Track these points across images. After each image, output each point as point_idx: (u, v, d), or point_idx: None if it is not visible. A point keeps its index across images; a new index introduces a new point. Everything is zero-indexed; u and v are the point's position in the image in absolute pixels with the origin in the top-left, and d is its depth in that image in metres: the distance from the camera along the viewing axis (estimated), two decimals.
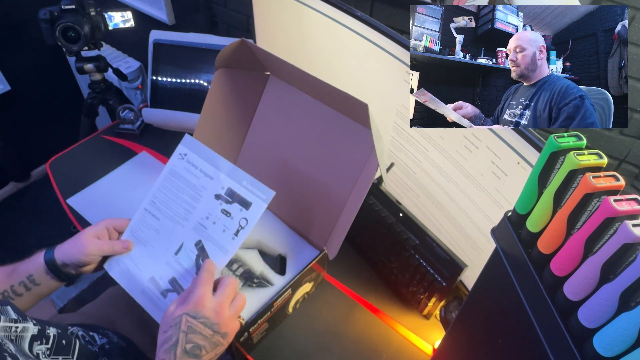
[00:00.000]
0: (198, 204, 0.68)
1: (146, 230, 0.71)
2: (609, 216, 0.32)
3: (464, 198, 0.74)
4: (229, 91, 0.83)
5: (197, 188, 0.69)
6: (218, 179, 0.68)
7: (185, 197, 0.70)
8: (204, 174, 0.69)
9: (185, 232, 0.68)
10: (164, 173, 0.73)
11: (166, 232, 0.70)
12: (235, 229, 0.65)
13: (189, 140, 0.72)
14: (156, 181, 0.73)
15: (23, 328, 0.56)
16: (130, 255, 0.70)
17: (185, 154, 0.71)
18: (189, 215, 0.69)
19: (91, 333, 0.70)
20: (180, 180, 0.71)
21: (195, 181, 0.69)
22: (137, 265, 0.70)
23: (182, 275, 0.67)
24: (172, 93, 1.15)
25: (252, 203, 0.65)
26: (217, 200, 0.67)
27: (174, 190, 0.71)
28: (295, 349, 0.78)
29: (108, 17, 1.19)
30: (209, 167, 0.69)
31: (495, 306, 0.50)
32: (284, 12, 0.96)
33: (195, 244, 0.67)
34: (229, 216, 0.66)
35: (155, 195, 0.72)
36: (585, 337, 0.34)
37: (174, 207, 0.70)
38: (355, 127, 0.74)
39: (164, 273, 0.68)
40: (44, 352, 0.58)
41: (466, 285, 0.84)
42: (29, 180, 2.13)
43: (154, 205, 0.72)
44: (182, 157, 0.72)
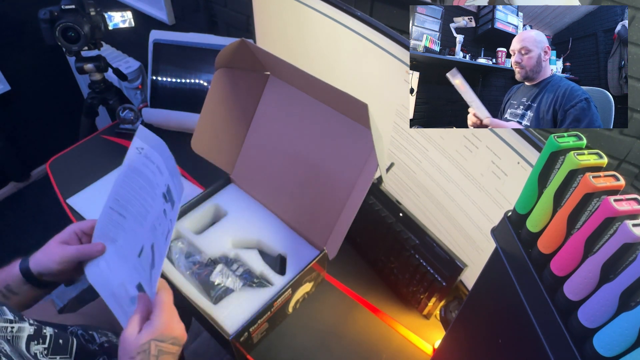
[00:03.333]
0: (154, 202, 0.62)
1: (114, 229, 0.68)
2: (609, 216, 0.32)
3: (464, 198, 0.74)
4: (229, 91, 0.83)
5: (153, 185, 0.63)
6: (165, 174, 0.60)
7: (144, 195, 0.64)
8: (158, 169, 0.62)
9: (144, 232, 0.63)
10: (123, 169, 0.67)
11: (131, 232, 0.66)
12: (167, 230, 0.58)
13: (143, 131, 0.65)
14: (117, 177, 0.68)
15: (19, 328, 0.56)
16: (104, 256, 0.67)
17: (142, 148, 0.65)
18: (147, 215, 0.63)
19: (90, 332, 0.70)
20: (140, 177, 0.65)
21: (152, 177, 0.63)
22: (109, 267, 0.66)
23: (145, 280, 0.62)
24: (172, 93, 1.15)
25: (175, 202, 0.58)
26: (162, 198, 0.61)
27: (135, 187, 0.66)
28: (295, 349, 0.78)
29: (108, 17, 1.19)
30: (161, 161, 0.62)
31: (495, 306, 0.50)
32: (284, 12, 0.96)
33: (150, 247, 0.61)
34: (165, 217, 0.59)
35: (118, 193, 0.68)
36: (585, 337, 0.34)
37: (136, 205, 0.65)
38: (355, 127, 0.74)
39: (132, 278, 0.63)
40: (41, 352, 0.58)
41: (466, 285, 0.84)
42: (29, 180, 2.13)
43: (118, 203, 0.68)
44: (139, 152, 0.65)
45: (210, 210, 0.89)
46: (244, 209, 0.88)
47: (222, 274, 0.76)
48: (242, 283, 0.75)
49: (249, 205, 0.89)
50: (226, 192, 0.92)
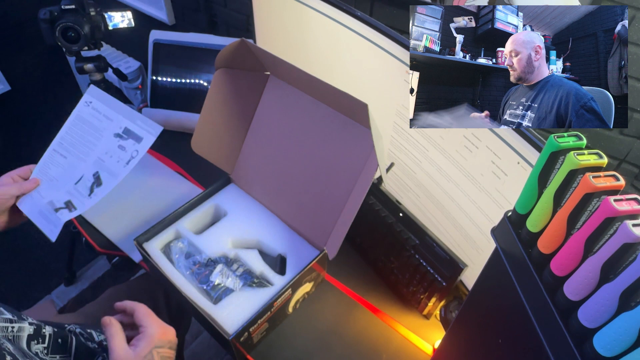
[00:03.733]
0: (99, 142, 0.83)
1: (54, 168, 0.84)
2: (609, 216, 0.32)
3: (464, 198, 0.74)
4: (229, 91, 0.83)
5: (99, 129, 0.84)
6: (117, 120, 0.83)
7: (88, 138, 0.84)
8: (105, 117, 0.84)
9: (86, 166, 0.83)
10: (71, 118, 0.87)
11: (70, 167, 0.83)
12: (128, 159, 0.80)
13: (94, 89, 0.87)
14: (64, 125, 0.87)
15: (19, 328, 0.57)
16: (38, 189, 0.82)
17: (90, 101, 0.86)
18: (90, 152, 0.83)
19: (89, 330, 0.71)
20: (85, 124, 0.85)
21: (97, 124, 0.84)
22: (40, 195, 0.82)
23: (77, 199, 0.80)
24: (172, 93, 1.15)
25: (143, 137, 0.81)
26: (116, 138, 0.82)
27: (79, 132, 0.85)
28: (295, 348, 0.78)
29: (108, 17, 1.19)
30: (109, 112, 0.84)
31: (495, 306, 0.50)
32: (284, 12, 0.96)
33: (92, 175, 0.82)
34: (123, 150, 0.81)
35: (62, 137, 0.86)
36: (585, 337, 0.34)
37: (79, 147, 0.84)
38: (355, 127, 0.74)
39: (61, 197, 0.81)
40: (41, 351, 0.58)
41: (466, 285, 0.84)
42: None
43: (61, 146, 0.86)
44: (87, 105, 0.86)
45: (210, 210, 0.89)
46: (244, 209, 0.88)
47: (222, 274, 0.76)
48: (242, 283, 0.75)
49: (249, 205, 0.89)
50: (226, 192, 0.92)
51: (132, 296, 0.89)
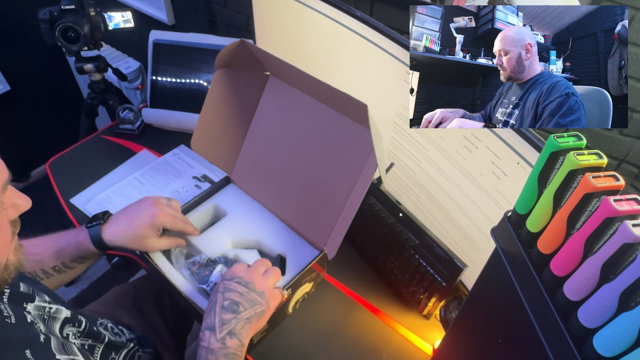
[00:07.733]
0: (177, 180, 0.96)
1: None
2: (608, 216, 0.32)
3: (464, 198, 0.74)
4: (229, 91, 0.83)
5: (179, 171, 1.00)
6: (196, 167, 1.00)
7: (167, 174, 0.99)
8: (187, 165, 1.00)
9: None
10: (157, 161, 1.02)
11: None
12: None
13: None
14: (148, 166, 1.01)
15: (57, 310, 0.59)
16: None
17: (178, 153, 0.98)
18: (167, 185, 0.96)
19: (120, 327, 0.75)
20: (167, 165, 1.01)
21: (178, 167, 0.99)
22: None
23: None
24: (171, 93, 1.15)
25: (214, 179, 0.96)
26: (193, 179, 0.98)
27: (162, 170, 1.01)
28: (295, 349, 0.78)
29: (108, 17, 1.19)
30: (192, 161, 1.02)
31: (495, 306, 0.50)
32: (284, 12, 0.95)
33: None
34: (200, 189, 0.94)
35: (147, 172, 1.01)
36: (585, 337, 0.34)
37: (158, 179, 0.97)
38: (354, 128, 0.74)
39: None
40: (74, 334, 0.60)
41: (466, 285, 0.84)
42: (29, 180, 2.13)
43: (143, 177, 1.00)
44: (174, 155, 0.99)
45: (210, 211, 0.89)
46: (244, 209, 0.88)
47: (222, 274, 0.75)
48: None
49: (249, 205, 0.89)
50: (226, 192, 0.92)
51: (137, 296, 0.90)
